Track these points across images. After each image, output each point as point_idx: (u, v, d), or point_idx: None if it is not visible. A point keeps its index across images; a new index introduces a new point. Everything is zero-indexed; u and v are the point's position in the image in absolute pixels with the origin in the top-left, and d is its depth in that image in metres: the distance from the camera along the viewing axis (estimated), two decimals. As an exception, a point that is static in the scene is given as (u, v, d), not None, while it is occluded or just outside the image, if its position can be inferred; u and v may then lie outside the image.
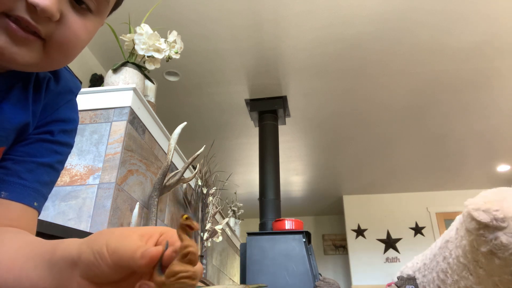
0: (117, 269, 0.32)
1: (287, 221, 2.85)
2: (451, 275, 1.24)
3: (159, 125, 1.72)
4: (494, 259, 0.92)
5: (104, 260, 0.31)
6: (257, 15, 2.82)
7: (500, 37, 3.00)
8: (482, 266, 1.00)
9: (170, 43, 1.69)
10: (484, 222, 0.91)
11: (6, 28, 0.40)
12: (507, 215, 0.91)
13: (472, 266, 1.05)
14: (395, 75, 3.45)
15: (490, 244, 0.91)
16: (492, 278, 0.98)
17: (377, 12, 2.79)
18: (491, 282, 1.00)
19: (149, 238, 0.34)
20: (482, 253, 0.95)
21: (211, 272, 2.61)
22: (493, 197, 0.96)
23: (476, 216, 0.92)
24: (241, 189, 5.96)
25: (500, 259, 0.91)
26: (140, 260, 0.30)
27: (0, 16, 0.40)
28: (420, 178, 5.66)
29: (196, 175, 1.95)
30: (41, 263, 0.38)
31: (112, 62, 3.31)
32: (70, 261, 0.34)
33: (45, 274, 0.37)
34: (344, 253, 6.98)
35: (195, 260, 0.30)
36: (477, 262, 1.02)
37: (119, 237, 0.32)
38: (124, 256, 0.31)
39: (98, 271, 0.32)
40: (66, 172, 1.34)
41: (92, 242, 0.33)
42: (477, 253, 0.98)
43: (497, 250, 0.91)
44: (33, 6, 0.39)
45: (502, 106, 3.86)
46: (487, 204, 0.94)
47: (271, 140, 3.72)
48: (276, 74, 3.46)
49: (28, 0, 0.39)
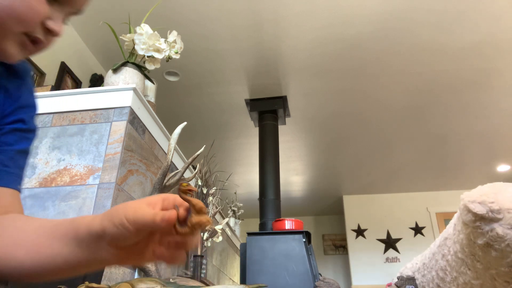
0: (139, 233, 0.41)
1: (287, 221, 2.85)
2: (450, 273, 1.24)
3: (159, 125, 1.72)
4: (490, 251, 0.93)
5: (127, 229, 0.40)
6: (257, 15, 2.82)
7: (500, 37, 3.00)
8: (479, 260, 1.01)
9: (170, 43, 1.69)
10: (480, 214, 0.92)
11: (23, 44, 0.49)
12: (503, 206, 0.92)
13: (470, 260, 1.06)
14: (395, 75, 3.45)
15: (486, 236, 0.92)
16: (489, 271, 0.99)
17: (377, 12, 2.79)
18: (488, 275, 1.01)
19: (155, 205, 0.42)
20: (479, 246, 0.96)
21: (211, 272, 2.61)
22: (489, 190, 0.97)
23: (472, 208, 0.93)
24: (241, 189, 5.96)
25: (497, 251, 0.92)
26: (162, 222, 0.39)
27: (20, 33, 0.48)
28: (420, 178, 5.66)
29: (196, 175, 1.95)
30: (69, 241, 0.45)
31: (112, 62, 3.31)
32: (95, 235, 0.42)
33: (76, 249, 0.44)
34: (344, 253, 6.97)
35: (205, 211, 0.41)
36: (474, 256, 1.03)
37: (133, 209, 0.40)
38: (145, 223, 0.39)
39: (123, 238, 0.41)
40: (66, 172, 1.34)
41: (112, 217, 0.41)
42: (474, 246, 0.99)
43: (493, 242, 0.92)
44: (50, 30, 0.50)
45: (502, 106, 3.87)
46: (483, 196, 0.95)
47: (271, 140, 3.72)
48: (276, 74, 3.46)
49: (49, 27, 0.49)
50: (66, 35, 2.84)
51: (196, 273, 1.75)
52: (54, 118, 1.47)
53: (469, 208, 0.94)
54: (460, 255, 1.12)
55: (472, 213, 0.93)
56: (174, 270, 1.79)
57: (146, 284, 0.89)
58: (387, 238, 6.00)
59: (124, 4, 2.70)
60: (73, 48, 2.92)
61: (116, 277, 1.25)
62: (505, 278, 0.96)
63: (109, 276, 1.21)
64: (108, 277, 1.20)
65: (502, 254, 0.91)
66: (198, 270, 1.75)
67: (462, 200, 0.98)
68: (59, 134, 1.42)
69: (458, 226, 1.09)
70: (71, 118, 1.46)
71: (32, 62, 2.37)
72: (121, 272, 1.29)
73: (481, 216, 0.92)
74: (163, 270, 1.64)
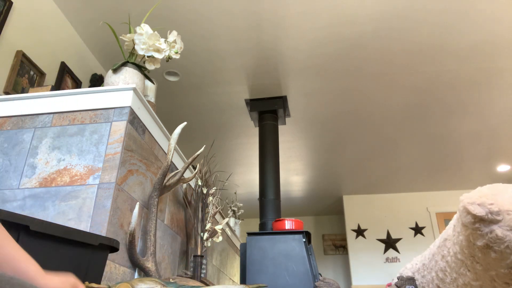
0: None
1: (287, 221, 2.85)
2: (449, 274, 1.24)
3: (159, 125, 1.73)
4: (490, 253, 0.93)
5: None
6: (257, 15, 2.82)
7: (501, 36, 3.00)
8: (479, 261, 1.01)
9: (170, 43, 1.69)
10: (480, 215, 0.92)
11: None
12: (502, 208, 0.91)
13: (469, 261, 1.06)
14: (395, 75, 3.45)
15: (486, 237, 0.92)
16: (489, 272, 0.99)
17: (377, 11, 2.79)
18: (488, 277, 1.01)
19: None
20: (478, 248, 0.96)
21: (211, 272, 2.61)
22: (488, 191, 0.97)
23: (472, 210, 0.93)
24: (241, 189, 5.96)
25: (496, 252, 0.92)
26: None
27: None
28: (420, 178, 5.66)
29: (196, 175, 1.95)
30: None
31: (112, 62, 3.32)
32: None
33: None
34: (344, 253, 6.98)
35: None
36: (474, 257, 1.03)
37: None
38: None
39: None
40: (66, 172, 1.34)
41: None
42: (473, 247, 0.99)
43: (492, 244, 0.91)
44: None
45: (503, 105, 3.87)
46: (482, 198, 0.95)
47: (271, 140, 3.72)
48: (276, 74, 3.46)
49: None
50: (66, 35, 2.84)
51: (196, 273, 1.75)
52: (54, 118, 1.47)
53: (468, 210, 0.94)
54: (460, 256, 1.12)
55: (471, 215, 0.93)
56: (174, 270, 1.79)
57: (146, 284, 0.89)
58: (387, 238, 6.00)
59: (124, 4, 2.70)
60: (73, 48, 2.92)
61: (116, 277, 1.25)
62: (505, 280, 0.96)
63: (109, 276, 1.21)
64: (108, 277, 1.20)
65: (502, 255, 0.91)
66: (198, 270, 1.75)
67: (461, 201, 0.98)
68: (59, 134, 1.43)
69: (457, 227, 1.09)
70: (71, 118, 1.46)
71: (32, 62, 2.38)
72: (121, 272, 1.29)
73: (481, 218, 0.92)
74: (163, 270, 1.65)
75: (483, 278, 1.04)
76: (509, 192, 0.94)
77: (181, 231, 1.93)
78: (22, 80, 2.29)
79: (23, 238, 0.76)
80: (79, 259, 0.90)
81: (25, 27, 2.38)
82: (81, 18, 2.84)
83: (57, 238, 0.84)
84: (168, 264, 1.72)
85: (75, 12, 2.78)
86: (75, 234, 0.88)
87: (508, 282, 0.96)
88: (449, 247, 1.23)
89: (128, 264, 1.34)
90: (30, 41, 2.41)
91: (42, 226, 0.80)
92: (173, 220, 1.84)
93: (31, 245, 0.77)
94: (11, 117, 1.50)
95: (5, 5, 2.18)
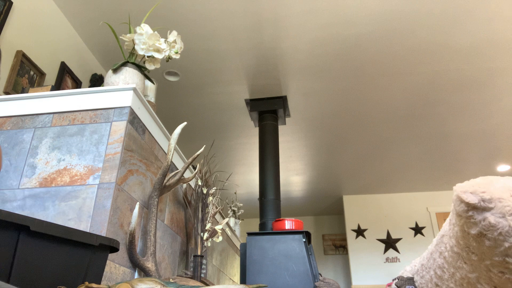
0: None
1: (287, 221, 2.85)
2: (447, 269, 1.25)
3: (159, 125, 1.73)
4: (484, 241, 0.95)
5: None
6: (257, 15, 2.82)
7: (500, 36, 3.00)
8: (474, 251, 1.02)
9: (170, 43, 1.69)
10: (472, 203, 0.94)
11: None
12: (494, 196, 0.94)
13: (465, 253, 1.07)
14: (395, 75, 3.45)
15: (479, 225, 0.94)
16: (484, 262, 1.00)
17: (377, 12, 2.79)
18: (484, 267, 1.02)
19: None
20: (472, 237, 0.98)
21: (211, 272, 2.61)
22: (480, 181, 1.01)
23: (465, 198, 0.95)
24: (241, 189, 5.96)
25: (490, 240, 0.93)
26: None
27: None
28: (420, 178, 5.66)
29: (196, 175, 1.95)
30: None
31: (112, 62, 3.32)
32: None
33: None
34: (344, 253, 6.98)
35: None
36: (469, 248, 1.04)
37: None
38: None
39: None
40: (66, 172, 1.34)
41: None
42: (468, 237, 1.00)
43: (486, 231, 0.93)
44: None
45: (502, 105, 3.87)
46: (474, 186, 0.98)
47: (271, 140, 3.73)
48: (276, 74, 3.46)
49: None
50: (66, 35, 2.84)
51: (196, 273, 1.75)
52: (54, 118, 1.47)
53: (461, 198, 0.96)
54: (456, 249, 1.13)
55: (464, 202, 0.95)
56: (174, 270, 1.79)
57: (146, 284, 0.89)
58: (387, 238, 6.01)
59: (124, 4, 2.70)
60: (73, 48, 2.92)
61: (116, 277, 1.25)
62: (500, 268, 0.97)
63: (109, 276, 1.21)
64: (108, 277, 1.20)
65: (495, 243, 0.93)
66: (198, 270, 1.75)
67: (454, 191, 1.00)
68: (59, 134, 1.43)
69: (453, 219, 1.11)
70: (71, 118, 1.46)
71: (32, 62, 2.38)
72: (121, 272, 1.29)
73: (473, 205, 0.94)
74: (163, 270, 1.65)
75: (479, 269, 1.05)
76: (500, 182, 0.98)
77: (181, 231, 1.93)
78: (22, 80, 2.29)
79: (23, 238, 0.76)
80: (79, 259, 0.90)
81: (25, 27, 2.38)
82: (81, 18, 2.84)
83: (57, 238, 0.84)
84: (168, 264, 1.72)
85: (75, 12, 2.78)
86: (75, 234, 0.88)
87: (503, 271, 0.97)
88: (446, 242, 1.24)
89: (128, 264, 1.34)
90: (30, 41, 2.41)
91: (42, 226, 0.80)
92: (173, 220, 1.84)
93: (31, 245, 0.77)
94: (11, 117, 1.50)
95: (5, 5, 2.18)
